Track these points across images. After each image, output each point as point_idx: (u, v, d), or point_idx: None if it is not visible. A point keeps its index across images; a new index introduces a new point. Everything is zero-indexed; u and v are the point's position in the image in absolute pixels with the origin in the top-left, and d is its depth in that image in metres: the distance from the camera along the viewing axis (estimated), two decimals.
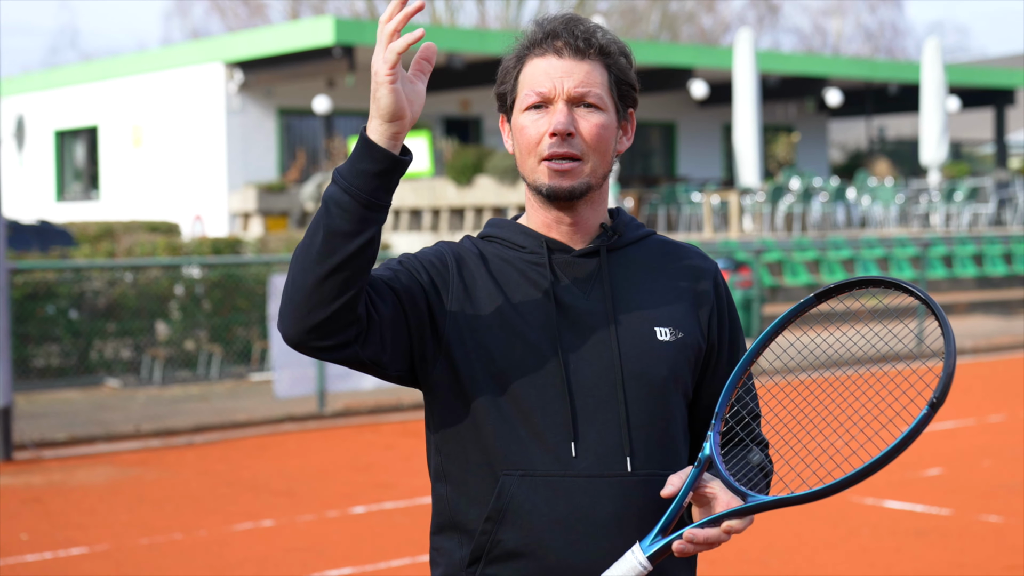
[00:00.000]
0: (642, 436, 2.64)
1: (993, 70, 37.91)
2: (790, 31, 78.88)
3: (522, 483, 2.59)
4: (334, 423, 13.62)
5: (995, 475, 10.35)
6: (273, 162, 29.29)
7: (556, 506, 2.58)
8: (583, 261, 2.70)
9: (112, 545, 8.63)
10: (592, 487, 2.60)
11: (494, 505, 2.60)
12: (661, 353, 2.68)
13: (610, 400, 2.63)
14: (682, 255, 2.81)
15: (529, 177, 2.68)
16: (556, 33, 2.66)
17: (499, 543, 2.60)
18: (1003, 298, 24.63)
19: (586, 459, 2.60)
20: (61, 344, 15.67)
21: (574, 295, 2.67)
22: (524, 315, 2.64)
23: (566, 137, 2.62)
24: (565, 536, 2.58)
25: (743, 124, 27.17)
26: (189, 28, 62.43)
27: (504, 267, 2.70)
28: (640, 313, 2.69)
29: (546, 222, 2.72)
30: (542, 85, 2.64)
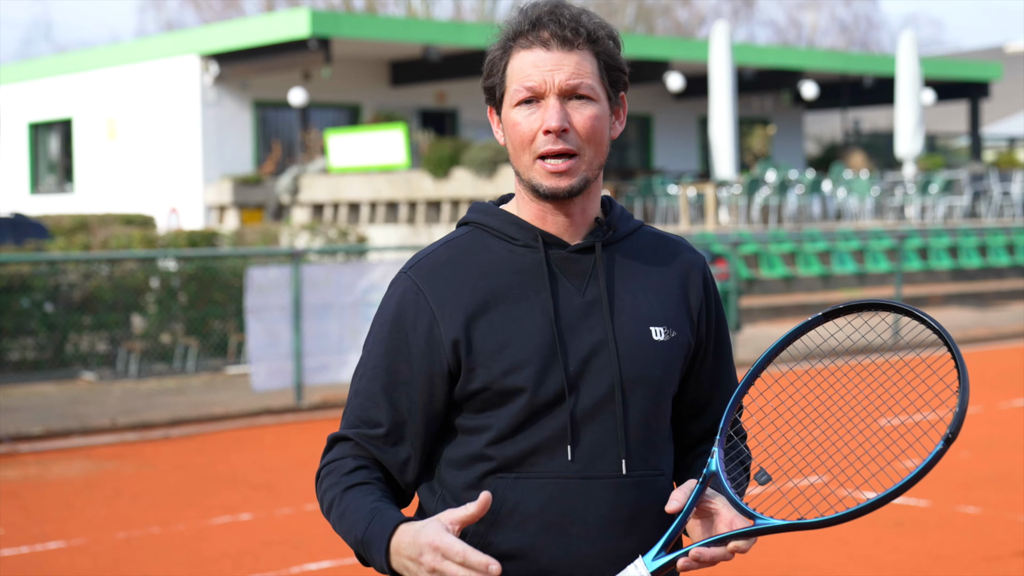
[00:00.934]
0: (637, 437, 2.61)
1: (968, 63, 38.05)
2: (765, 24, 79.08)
3: (516, 485, 2.56)
4: (311, 416, 13.59)
5: (972, 467, 10.38)
6: (249, 154, 29.21)
7: (549, 509, 2.56)
8: (578, 256, 2.64)
9: (89, 539, 8.59)
10: (586, 488, 2.57)
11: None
12: (657, 354, 2.64)
13: (607, 401, 2.59)
14: (673, 249, 2.76)
15: (525, 175, 2.60)
16: (542, 22, 2.58)
17: (490, 545, 2.56)
18: (978, 290, 24.72)
19: (581, 460, 2.57)
20: (36, 337, 15.60)
21: (570, 293, 2.62)
22: (520, 321, 2.59)
23: (560, 133, 2.55)
24: (557, 539, 2.56)
25: (719, 117, 27.21)
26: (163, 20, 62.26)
27: (491, 271, 2.62)
28: (636, 312, 2.65)
29: (540, 214, 2.65)
30: (531, 80, 2.57)
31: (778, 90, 35.48)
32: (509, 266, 2.63)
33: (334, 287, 14.33)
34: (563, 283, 2.62)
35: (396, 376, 2.63)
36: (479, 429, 2.60)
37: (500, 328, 2.58)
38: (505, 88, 2.63)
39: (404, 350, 2.62)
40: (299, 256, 14.06)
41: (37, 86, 33.18)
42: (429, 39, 28.00)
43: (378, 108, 30.51)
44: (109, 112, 30.87)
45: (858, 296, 22.92)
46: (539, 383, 2.56)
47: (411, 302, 2.63)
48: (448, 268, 2.64)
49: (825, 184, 28.60)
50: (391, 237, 25.47)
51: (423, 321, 2.61)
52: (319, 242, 19.22)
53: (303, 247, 16.77)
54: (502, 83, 2.64)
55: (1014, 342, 19.34)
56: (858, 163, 34.16)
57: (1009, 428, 12.08)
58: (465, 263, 2.64)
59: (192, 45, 28.95)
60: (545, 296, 2.60)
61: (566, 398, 2.56)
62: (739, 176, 28.13)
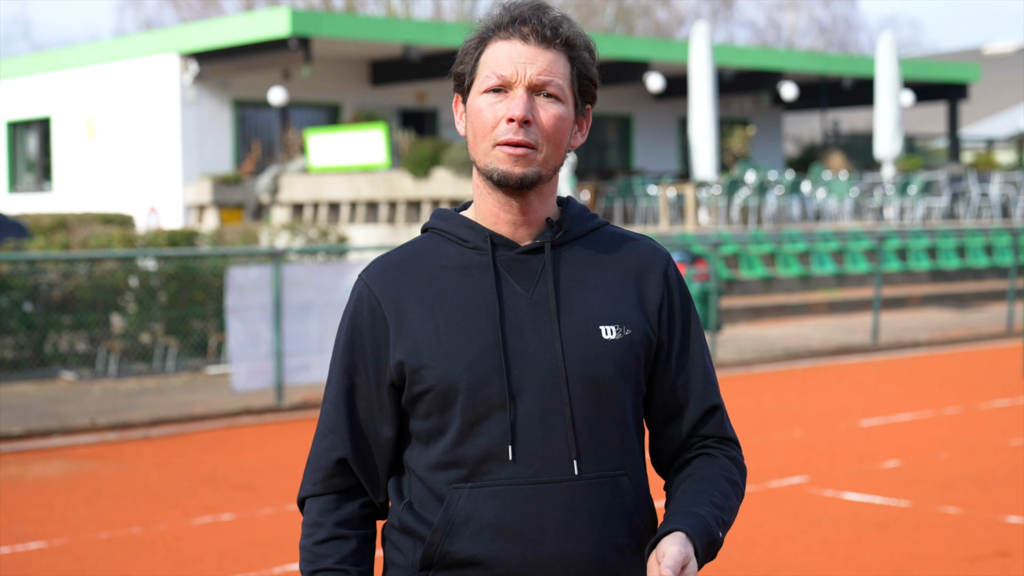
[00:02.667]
0: (590, 438, 2.59)
1: (946, 64, 38.20)
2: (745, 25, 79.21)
3: (471, 495, 2.57)
4: (292, 416, 13.56)
5: (953, 467, 10.41)
6: (228, 154, 29.15)
7: (503, 516, 2.56)
8: (527, 258, 2.64)
9: (70, 539, 8.56)
10: (539, 494, 2.56)
11: (441, 517, 2.58)
12: (606, 352, 2.62)
13: (556, 403, 2.58)
14: (632, 247, 2.74)
15: (481, 161, 2.61)
16: (524, 18, 2.60)
17: (448, 553, 2.58)
18: (957, 291, 24.80)
19: (532, 465, 2.57)
20: (15, 337, 15.54)
21: (517, 295, 2.62)
22: (464, 323, 2.60)
23: (523, 124, 2.56)
24: (514, 545, 2.56)
25: (699, 117, 27.24)
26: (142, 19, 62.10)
27: (442, 273, 2.64)
28: (584, 311, 2.63)
29: (493, 211, 2.65)
30: (504, 68, 2.58)
31: (757, 91, 35.56)
32: (458, 268, 2.65)
33: (315, 287, 14.31)
34: (511, 284, 2.63)
35: (355, 379, 2.69)
36: (429, 434, 2.62)
37: (445, 330, 2.60)
38: (476, 75, 2.65)
39: (360, 353, 2.68)
40: (279, 256, 14.03)
41: (15, 84, 33.06)
42: (409, 39, 27.98)
43: (358, 108, 30.48)
44: (88, 111, 30.78)
45: (838, 297, 22.99)
46: (481, 386, 2.57)
47: (364, 304, 2.68)
48: (397, 270, 2.68)
49: (804, 185, 28.67)
50: (371, 237, 25.45)
51: (377, 322, 2.66)
52: (299, 242, 19.19)
53: (283, 247, 16.74)
54: (473, 70, 2.65)
55: (993, 343, 19.40)
56: (837, 164, 34.25)
57: (989, 428, 12.12)
58: (415, 266, 2.67)
59: (171, 44, 28.88)
60: (491, 298, 2.61)
61: (507, 402, 2.56)
62: (719, 177, 28.18)
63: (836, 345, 18.30)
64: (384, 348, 2.65)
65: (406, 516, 2.65)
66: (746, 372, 16.47)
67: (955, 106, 38.05)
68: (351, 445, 2.69)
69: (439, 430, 2.61)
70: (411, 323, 2.62)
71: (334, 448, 2.70)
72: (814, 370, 16.70)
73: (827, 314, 22.30)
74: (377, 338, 2.66)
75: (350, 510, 2.70)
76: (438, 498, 2.60)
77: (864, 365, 17.12)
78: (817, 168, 30.47)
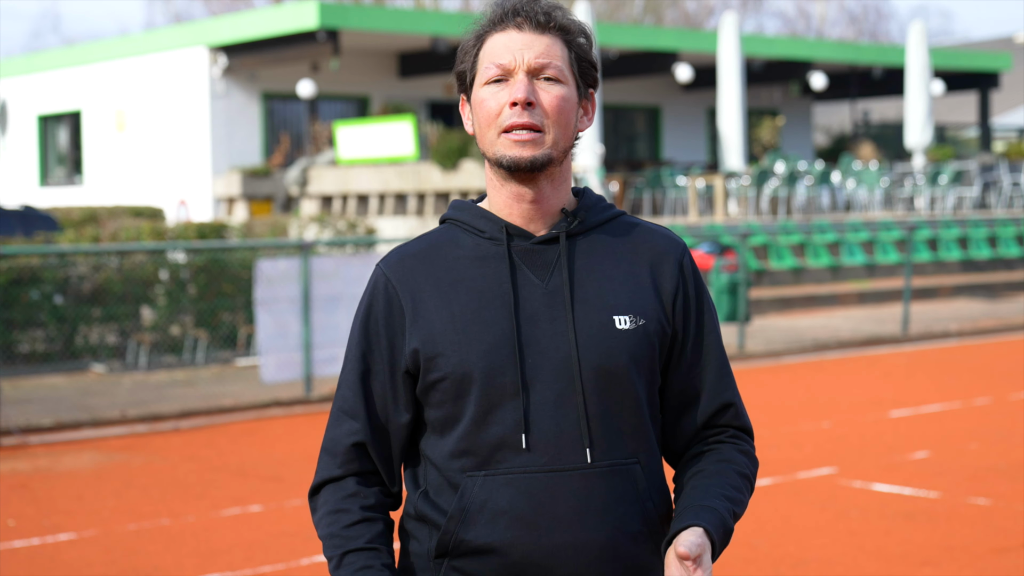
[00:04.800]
0: (602, 427, 2.61)
1: (977, 53, 37.97)
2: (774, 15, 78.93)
3: (485, 483, 2.58)
4: (321, 407, 13.59)
5: (982, 458, 10.37)
6: (257, 146, 29.22)
7: (517, 504, 2.57)
8: (543, 248, 2.66)
9: (100, 531, 8.60)
10: (551, 482, 2.58)
11: (456, 505, 2.60)
12: (620, 342, 2.63)
13: (569, 392, 2.59)
14: (648, 237, 2.74)
15: (489, 151, 2.63)
16: (516, 10, 2.64)
17: (463, 542, 2.60)
18: (988, 281, 24.67)
19: (546, 454, 2.58)
20: (46, 329, 15.62)
21: (532, 285, 2.63)
22: (480, 312, 2.61)
23: (526, 106, 2.58)
24: (528, 533, 2.57)
25: (728, 108, 27.17)
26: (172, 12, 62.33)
27: (458, 264, 2.66)
28: (599, 301, 2.65)
29: (506, 201, 2.66)
30: (502, 58, 2.62)
31: (787, 81, 35.42)
32: (474, 258, 2.66)
33: (343, 279, 14.33)
34: (526, 274, 2.64)
35: (370, 365, 2.71)
36: (444, 423, 2.64)
37: (460, 319, 2.61)
38: (476, 71, 2.67)
39: (376, 339, 2.70)
40: (308, 248, 14.06)
41: (46, 78, 33.20)
42: (437, 31, 27.98)
43: (387, 100, 30.50)
44: (118, 104, 30.88)
45: (868, 287, 22.91)
46: (495, 374, 2.59)
47: (381, 292, 2.70)
48: (415, 260, 2.70)
49: (834, 175, 28.56)
50: (400, 229, 25.47)
51: (394, 310, 2.68)
52: (328, 234, 19.23)
53: (312, 239, 16.77)
54: (473, 66, 2.68)
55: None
56: (867, 154, 34.11)
57: (1019, 419, 12.06)
58: (432, 256, 2.69)
59: (200, 37, 28.94)
60: (506, 288, 2.62)
61: (520, 390, 2.58)
62: (748, 167, 28.10)
63: (866, 336, 18.23)
64: (400, 336, 2.67)
65: (422, 504, 2.67)
66: (775, 363, 16.43)
67: (986, 95, 37.83)
68: (369, 430, 2.70)
69: (454, 418, 2.62)
70: (427, 312, 2.64)
71: (353, 433, 2.71)
72: (843, 361, 16.64)
73: (857, 305, 22.22)
74: (393, 325, 2.68)
75: (373, 495, 2.70)
76: (453, 486, 2.62)
77: (894, 356, 17.06)
78: (847, 158, 30.34)
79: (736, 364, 15.36)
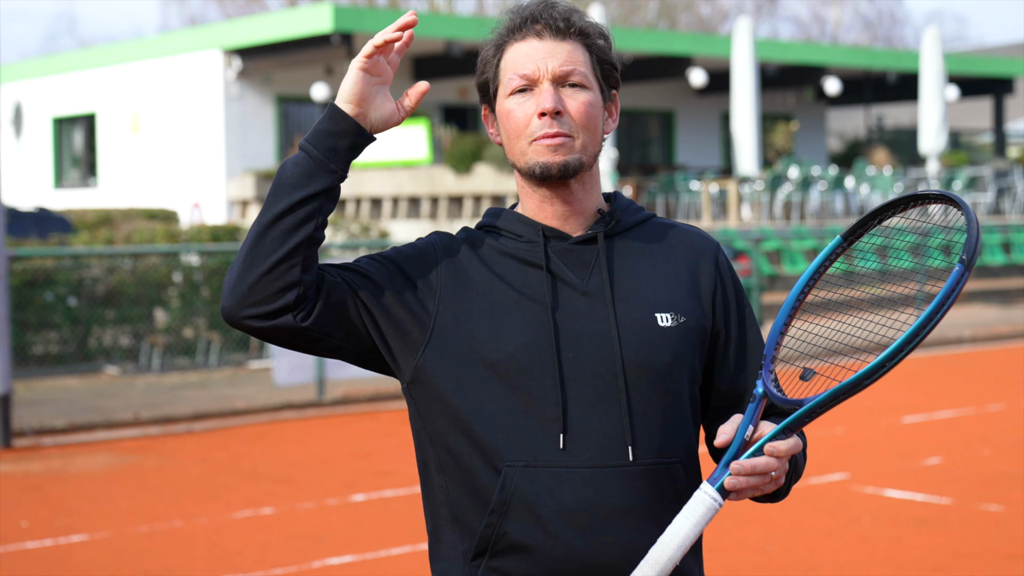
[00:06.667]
0: (646, 425, 2.58)
1: (992, 59, 37.88)
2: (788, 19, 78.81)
3: (525, 474, 2.54)
4: (333, 411, 13.62)
5: (995, 464, 10.35)
6: (271, 149, 29.26)
7: (560, 497, 2.53)
8: (580, 248, 2.66)
9: (112, 532, 8.62)
10: (594, 478, 2.55)
11: (498, 497, 2.55)
12: (662, 339, 2.62)
13: (611, 389, 2.58)
14: (682, 237, 2.76)
15: (520, 161, 2.64)
16: (534, 17, 2.64)
17: (504, 536, 2.55)
18: (1002, 287, 24.63)
19: (588, 450, 2.55)
20: (60, 331, 15.66)
21: (572, 284, 2.63)
22: (520, 305, 2.60)
23: (555, 116, 2.59)
24: (572, 527, 2.53)
25: (741, 112, 27.14)
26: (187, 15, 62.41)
27: (500, 258, 2.66)
28: (639, 299, 2.64)
29: (540, 205, 2.67)
30: (525, 68, 2.61)
31: (801, 86, 35.38)
32: (513, 259, 2.66)
33: None
34: (565, 274, 2.64)
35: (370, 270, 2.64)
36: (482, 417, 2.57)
37: (499, 316, 2.60)
38: (499, 81, 2.67)
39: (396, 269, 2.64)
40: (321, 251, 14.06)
41: (61, 81, 33.28)
42: (451, 34, 27.99)
43: None
44: (132, 107, 30.95)
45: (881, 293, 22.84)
46: (533, 367, 2.57)
47: (426, 249, 2.68)
48: (464, 245, 2.69)
49: (848, 180, 28.51)
50: (413, 232, 25.48)
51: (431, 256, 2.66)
52: (341, 237, 19.25)
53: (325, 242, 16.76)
54: (495, 77, 2.68)
55: None
56: (881, 159, 34.04)
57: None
58: (476, 249, 2.68)
59: (215, 40, 29.00)
60: (546, 287, 2.62)
61: (559, 387, 2.56)
62: (761, 172, 28.07)
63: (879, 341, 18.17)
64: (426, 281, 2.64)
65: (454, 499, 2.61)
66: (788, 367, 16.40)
67: (1001, 101, 37.75)
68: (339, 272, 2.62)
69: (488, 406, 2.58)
70: (467, 293, 2.63)
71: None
72: None
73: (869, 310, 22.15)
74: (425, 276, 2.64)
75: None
76: (485, 479, 2.57)
77: (907, 361, 17.01)
78: (861, 163, 30.30)
79: None
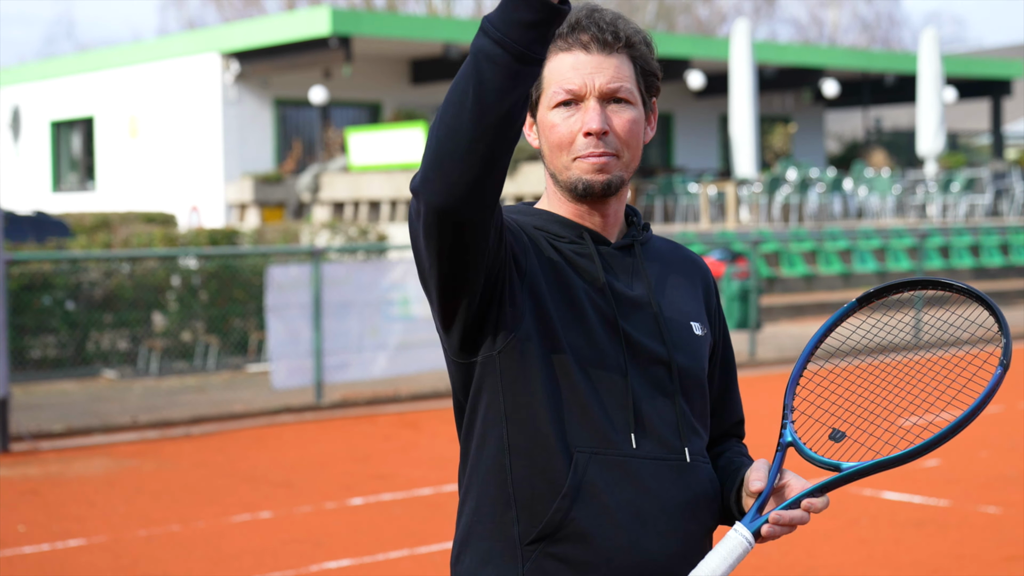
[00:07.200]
0: (691, 425, 2.67)
1: (990, 61, 37.90)
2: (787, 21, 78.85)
3: (594, 460, 2.55)
4: (331, 414, 13.61)
5: (993, 466, 10.35)
6: (269, 153, 29.25)
7: (626, 487, 2.56)
8: (619, 254, 2.70)
9: (110, 537, 8.62)
10: (657, 471, 2.59)
11: (571, 482, 2.53)
12: (699, 347, 2.73)
13: (665, 390, 2.64)
14: (683, 253, 2.85)
15: (562, 175, 2.63)
16: (581, 26, 2.61)
17: (572, 521, 2.53)
18: (1000, 289, 24.62)
19: (648, 443, 2.60)
20: (58, 335, 15.65)
21: (622, 287, 2.66)
22: (584, 298, 2.61)
23: (601, 136, 2.59)
24: (636, 517, 2.56)
25: (740, 115, 27.15)
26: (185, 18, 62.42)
27: (551, 251, 2.64)
28: (676, 308, 2.72)
29: (576, 214, 2.69)
30: (571, 82, 2.60)
31: (799, 88, 35.39)
32: (562, 255, 2.65)
33: (354, 285, 14.36)
34: (614, 277, 2.67)
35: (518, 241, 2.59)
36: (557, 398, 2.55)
37: (570, 303, 2.60)
38: (542, 90, 2.65)
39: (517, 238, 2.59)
40: (319, 254, 14.08)
41: (59, 84, 33.28)
42: (450, 37, 28.00)
43: (399, 106, 30.53)
44: (131, 110, 30.95)
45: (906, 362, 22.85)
46: (604, 358, 2.59)
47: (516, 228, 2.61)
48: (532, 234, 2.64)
49: (846, 182, 28.52)
50: None
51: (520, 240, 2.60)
52: (339, 240, 19.25)
53: (323, 245, 16.79)
54: (539, 85, 2.65)
55: None
56: (879, 161, 34.05)
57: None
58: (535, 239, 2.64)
59: (213, 43, 29.00)
60: (602, 285, 2.63)
61: (628, 384, 2.59)
62: (760, 174, 28.07)
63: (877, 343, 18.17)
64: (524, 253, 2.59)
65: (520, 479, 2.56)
66: (786, 370, 16.40)
67: (999, 103, 37.77)
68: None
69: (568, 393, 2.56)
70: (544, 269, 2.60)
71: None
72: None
73: None
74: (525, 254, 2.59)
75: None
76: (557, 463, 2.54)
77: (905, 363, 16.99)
78: (859, 165, 30.31)
79: (747, 371, 15.36)
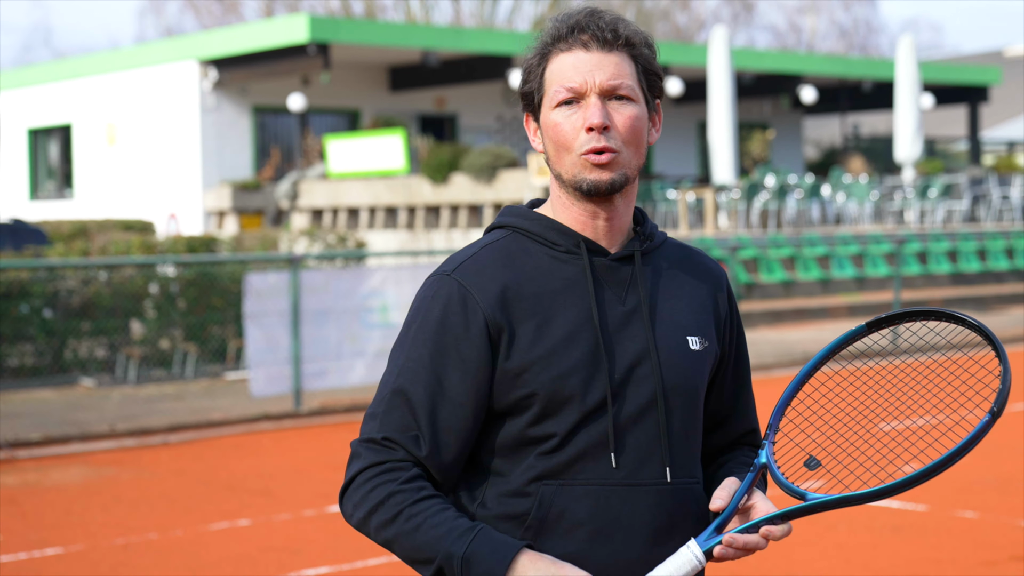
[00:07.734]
0: (678, 445, 2.64)
1: (967, 67, 38.08)
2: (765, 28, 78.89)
3: (561, 492, 2.56)
4: (310, 421, 13.58)
5: (971, 471, 10.37)
6: (248, 160, 29.23)
7: (596, 516, 2.56)
8: (618, 265, 2.66)
9: (87, 545, 8.59)
10: (631, 495, 2.58)
11: (534, 515, 2.57)
12: (694, 364, 2.68)
13: (650, 410, 2.61)
14: (700, 260, 2.80)
15: (567, 174, 2.61)
16: (581, 26, 2.61)
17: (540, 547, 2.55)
18: (978, 294, 24.71)
19: (626, 467, 2.59)
20: (35, 343, 15.59)
21: (611, 301, 2.63)
22: (564, 324, 2.59)
23: (603, 131, 2.57)
24: (604, 545, 2.57)
25: (718, 121, 27.21)
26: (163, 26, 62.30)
27: (536, 276, 2.62)
28: (672, 322, 2.68)
29: (580, 218, 2.65)
30: (572, 80, 2.59)
31: (777, 95, 35.51)
32: (552, 272, 2.63)
33: (333, 293, 14.33)
34: (605, 291, 2.64)
35: (443, 381, 2.58)
36: (531, 439, 2.58)
37: (547, 334, 2.58)
38: (544, 91, 2.65)
39: (454, 355, 2.59)
40: (298, 261, 14.05)
41: (37, 92, 33.19)
42: (428, 44, 28.01)
43: (377, 113, 30.53)
44: (108, 118, 30.88)
45: (858, 300, 22.94)
46: (586, 391, 2.57)
47: (458, 304, 2.59)
48: (493, 269, 2.63)
49: (824, 188, 28.60)
50: (390, 242, 25.47)
51: (476, 324, 2.58)
52: (318, 247, 19.23)
53: (302, 252, 16.77)
54: (540, 87, 2.65)
55: (1014, 346, 19.33)
56: (857, 167, 34.17)
57: (1008, 432, 12.07)
58: (510, 267, 2.63)
59: (191, 51, 28.96)
60: (589, 303, 2.61)
61: (609, 406, 2.57)
62: (738, 181, 28.14)
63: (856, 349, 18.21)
64: (487, 349, 2.58)
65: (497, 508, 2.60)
66: (765, 376, 16.43)
67: (976, 109, 37.93)
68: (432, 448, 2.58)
69: (538, 434, 2.58)
70: (516, 328, 2.58)
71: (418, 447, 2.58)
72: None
73: (847, 318, 22.23)
74: (477, 338, 2.58)
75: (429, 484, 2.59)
76: (521, 495, 2.58)
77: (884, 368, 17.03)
78: (837, 171, 30.40)
79: None
